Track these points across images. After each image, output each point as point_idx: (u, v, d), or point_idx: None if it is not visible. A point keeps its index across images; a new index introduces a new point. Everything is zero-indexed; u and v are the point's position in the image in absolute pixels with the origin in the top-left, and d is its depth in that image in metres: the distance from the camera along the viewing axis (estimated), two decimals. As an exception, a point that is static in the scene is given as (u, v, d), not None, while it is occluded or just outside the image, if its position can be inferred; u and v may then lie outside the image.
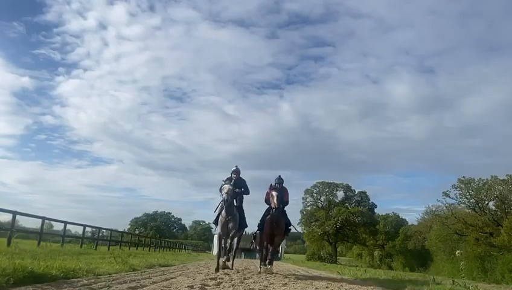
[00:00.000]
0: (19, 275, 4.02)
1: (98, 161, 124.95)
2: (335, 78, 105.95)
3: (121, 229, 40.55)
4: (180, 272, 8.09)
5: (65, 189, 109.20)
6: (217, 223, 8.44)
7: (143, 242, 31.33)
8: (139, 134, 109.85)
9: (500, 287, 13.98)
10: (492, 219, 30.95)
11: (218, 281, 5.87)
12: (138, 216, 78.50)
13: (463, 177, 32.79)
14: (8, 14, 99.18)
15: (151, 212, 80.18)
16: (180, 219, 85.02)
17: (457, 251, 28.51)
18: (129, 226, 74.88)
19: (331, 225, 48.79)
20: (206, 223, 78.63)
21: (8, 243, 10.80)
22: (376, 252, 53.75)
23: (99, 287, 4.28)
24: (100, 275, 5.57)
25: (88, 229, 20.56)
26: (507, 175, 31.00)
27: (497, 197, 31.01)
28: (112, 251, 16.07)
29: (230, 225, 8.20)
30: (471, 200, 32.28)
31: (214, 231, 9.58)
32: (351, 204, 54.30)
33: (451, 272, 23.23)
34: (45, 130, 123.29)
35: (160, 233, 69.86)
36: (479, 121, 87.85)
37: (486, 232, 30.26)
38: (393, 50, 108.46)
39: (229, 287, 5.22)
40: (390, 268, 40.62)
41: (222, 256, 8.51)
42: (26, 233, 17.87)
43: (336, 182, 54.86)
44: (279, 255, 29.31)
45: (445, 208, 34.51)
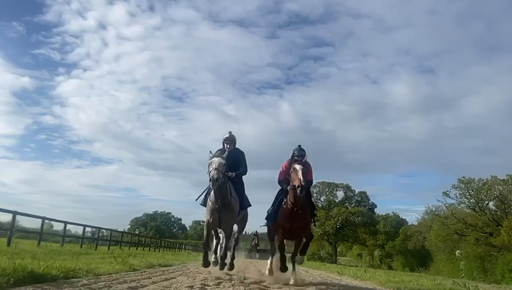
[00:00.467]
0: (19, 275, 4.02)
1: (98, 161, 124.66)
2: (335, 78, 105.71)
3: (121, 229, 40.54)
4: (180, 272, 8.09)
5: (65, 189, 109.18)
6: (205, 204, 6.38)
7: (143, 242, 31.36)
8: (139, 134, 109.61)
9: (500, 287, 14.00)
10: (492, 218, 30.96)
11: (218, 281, 5.86)
12: (138, 216, 78.51)
13: (463, 177, 32.82)
14: (7, 14, 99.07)
15: (151, 212, 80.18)
16: (180, 219, 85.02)
17: (457, 251, 28.58)
18: (129, 226, 74.89)
19: (331, 225, 48.78)
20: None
21: (8, 243, 10.80)
22: (376, 252, 53.73)
23: (99, 287, 4.28)
24: (100, 275, 5.57)
25: (88, 229, 20.59)
26: (507, 175, 31.04)
27: (497, 197, 31.03)
28: (112, 251, 16.09)
29: (223, 217, 6.15)
30: (471, 200, 32.30)
31: None
32: (351, 204, 54.29)
33: (451, 272, 23.25)
34: (45, 130, 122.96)
35: (160, 233, 69.84)
36: (479, 121, 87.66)
37: (486, 232, 30.27)
38: (393, 50, 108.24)
39: (229, 287, 5.22)
40: (390, 268, 40.64)
41: (211, 249, 6.78)
42: (26, 233, 17.87)
43: (336, 182, 54.87)
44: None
45: (445, 208, 34.55)
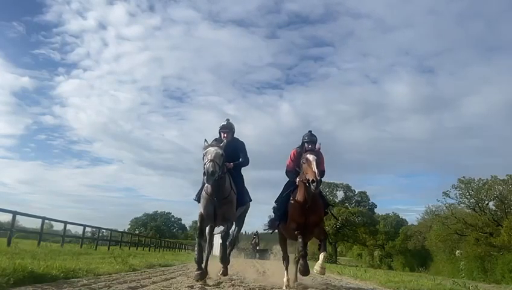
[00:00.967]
0: (19, 275, 4.02)
1: (98, 161, 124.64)
2: (335, 78, 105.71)
3: (121, 229, 40.55)
4: (180, 272, 8.08)
5: (65, 189, 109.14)
6: (200, 200, 5.52)
7: (143, 242, 31.35)
8: (139, 134, 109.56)
9: (500, 287, 14.00)
10: (492, 219, 30.96)
11: (218, 281, 5.86)
12: (138, 216, 78.52)
13: (463, 177, 32.81)
14: (7, 14, 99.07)
15: (151, 212, 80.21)
16: (180, 219, 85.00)
17: (457, 251, 28.59)
18: (129, 226, 74.88)
19: (331, 225, 48.79)
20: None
21: (8, 243, 10.80)
22: (376, 252, 53.72)
23: (99, 287, 4.28)
24: (100, 275, 5.57)
25: (88, 229, 20.60)
26: (507, 175, 31.02)
27: (497, 197, 31.02)
28: (112, 251, 16.09)
29: (219, 210, 5.29)
30: (471, 200, 32.29)
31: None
32: (351, 204, 54.28)
33: (451, 272, 23.26)
34: (45, 130, 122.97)
35: (160, 233, 69.85)
36: (479, 121, 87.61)
37: (486, 232, 30.26)
38: (393, 50, 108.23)
39: (229, 287, 5.22)
40: (390, 268, 40.66)
41: (205, 251, 5.48)
42: (26, 233, 17.87)
43: (336, 182, 54.77)
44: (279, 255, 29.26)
45: (445, 208, 34.53)
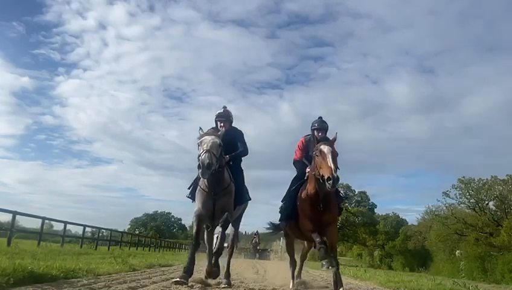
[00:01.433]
0: (18, 275, 4.01)
1: (98, 161, 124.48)
2: (335, 78, 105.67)
3: (121, 229, 40.48)
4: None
5: (65, 189, 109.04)
6: (194, 197, 4.96)
7: (143, 242, 31.36)
8: (139, 134, 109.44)
9: (500, 287, 14.00)
10: (493, 219, 30.97)
11: (218, 280, 5.86)
12: (138, 216, 78.43)
13: (463, 177, 32.81)
14: (7, 14, 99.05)
15: (151, 212, 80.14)
16: (180, 219, 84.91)
17: (457, 251, 28.60)
18: (129, 226, 74.77)
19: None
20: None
21: (8, 243, 10.80)
22: (376, 252, 53.73)
23: (99, 287, 4.28)
24: (100, 275, 5.56)
25: (88, 229, 20.61)
26: (507, 175, 31.03)
27: (497, 197, 31.03)
28: (112, 251, 16.10)
29: (219, 203, 4.74)
30: (471, 200, 32.29)
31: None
32: (351, 204, 54.29)
33: (451, 272, 23.24)
34: (45, 130, 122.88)
35: (160, 233, 69.84)
36: (479, 121, 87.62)
37: (486, 232, 30.28)
38: (393, 50, 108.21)
39: (229, 287, 5.22)
40: (390, 268, 40.65)
41: (207, 258, 5.26)
42: (26, 233, 17.88)
43: (336, 182, 54.82)
44: (279, 255, 29.25)
45: (445, 208, 34.53)
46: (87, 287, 4.19)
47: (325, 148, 4.45)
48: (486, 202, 32.11)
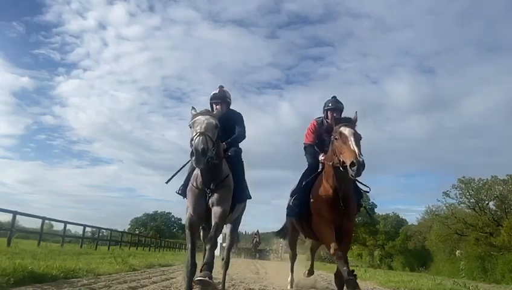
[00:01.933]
0: (19, 275, 4.02)
1: (98, 161, 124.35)
2: (334, 78, 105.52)
3: (121, 229, 40.51)
4: (180, 272, 8.08)
5: (65, 189, 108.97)
6: (185, 193, 4.07)
7: (143, 242, 31.36)
8: (139, 134, 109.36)
9: (500, 287, 13.98)
10: (493, 218, 30.97)
11: (218, 281, 5.86)
12: (138, 216, 78.40)
13: (463, 177, 32.80)
14: (7, 14, 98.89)
15: (151, 212, 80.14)
16: (180, 219, 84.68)
17: (458, 251, 28.58)
18: (129, 226, 74.76)
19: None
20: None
21: (8, 243, 10.79)
22: (376, 252, 53.74)
23: (99, 287, 4.28)
24: (100, 275, 5.57)
25: (88, 229, 20.59)
26: (507, 175, 31.01)
27: (497, 197, 31.02)
28: (112, 251, 16.11)
29: (213, 197, 3.79)
30: (471, 200, 32.29)
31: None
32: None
33: (452, 272, 23.24)
34: (45, 130, 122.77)
35: (160, 233, 69.84)
36: (479, 121, 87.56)
37: (486, 232, 30.28)
38: (393, 50, 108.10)
39: (229, 287, 5.22)
40: (390, 268, 40.67)
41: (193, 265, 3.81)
42: (26, 233, 17.87)
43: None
44: (279, 255, 29.25)
45: (445, 208, 34.51)
46: (87, 287, 4.19)
47: (346, 130, 3.77)
48: (487, 202, 32.12)
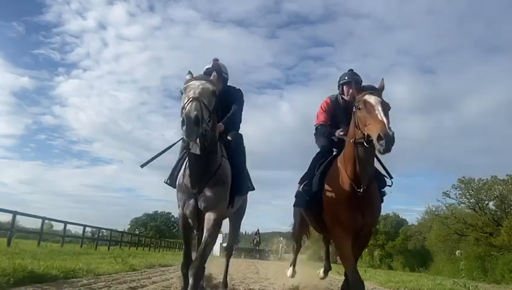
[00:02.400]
0: (18, 275, 4.02)
1: (98, 161, 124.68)
2: (335, 78, 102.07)
3: (121, 229, 40.48)
4: (180, 272, 8.07)
5: (65, 189, 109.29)
6: (174, 183, 3.52)
7: (143, 242, 31.35)
8: (139, 134, 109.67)
9: (500, 287, 13.99)
10: (493, 218, 30.97)
11: (218, 281, 5.86)
12: (138, 216, 78.40)
13: (463, 177, 32.79)
14: (7, 14, 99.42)
15: (151, 212, 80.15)
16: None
17: (458, 251, 28.59)
18: (129, 226, 74.77)
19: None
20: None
21: (8, 243, 10.80)
22: (376, 252, 53.75)
23: (99, 287, 4.28)
24: (100, 275, 5.57)
25: (88, 229, 20.61)
26: (507, 175, 30.99)
27: (497, 197, 31.02)
28: (112, 251, 16.11)
29: (203, 201, 3.19)
30: (471, 200, 32.29)
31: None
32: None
33: (451, 272, 23.23)
34: (45, 130, 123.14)
35: (160, 233, 69.82)
36: (479, 121, 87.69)
37: (486, 232, 30.27)
38: (393, 50, 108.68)
39: (229, 288, 5.22)
40: (390, 268, 40.70)
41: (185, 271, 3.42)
42: (26, 233, 17.86)
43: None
44: (279, 255, 29.23)
45: (445, 208, 34.49)
46: (87, 287, 4.19)
47: (372, 98, 3.12)
48: (487, 202, 32.12)
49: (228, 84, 4.15)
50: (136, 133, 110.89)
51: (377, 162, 3.50)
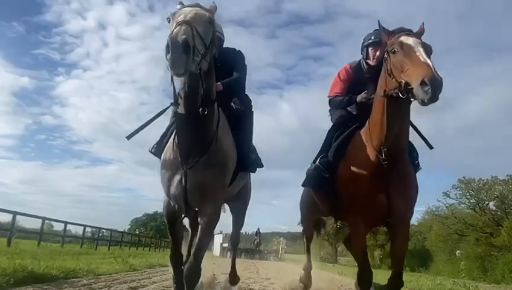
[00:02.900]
0: (19, 275, 4.02)
1: (98, 161, 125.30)
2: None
3: (121, 229, 40.52)
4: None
5: (65, 189, 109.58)
6: (160, 153, 3.07)
7: (143, 242, 31.38)
8: (139, 134, 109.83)
9: (500, 287, 13.99)
10: (493, 219, 30.99)
11: (218, 281, 5.86)
12: (138, 216, 78.41)
13: (463, 177, 32.81)
14: (7, 14, 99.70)
15: (151, 212, 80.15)
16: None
17: (458, 251, 28.62)
18: (129, 226, 74.81)
19: (331, 225, 48.76)
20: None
21: (8, 243, 10.80)
22: (376, 253, 53.74)
23: (99, 287, 4.28)
24: (100, 275, 5.57)
25: (88, 229, 20.64)
26: (507, 175, 31.01)
27: (497, 197, 31.05)
28: (112, 251, 16.12)
29: (191, 178, 2.57)
30: (472, 200, 32.31)
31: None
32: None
33: (452, 272, 23.24)
34: (45, 130, 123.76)
35: (160, 233, 69.78)
36: (479, 121, 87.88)
37: (486, 232, 30.29)
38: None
39: (228, 287, 5.21)
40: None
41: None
42: (26, 233, 17.87)
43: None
44: (280, 255, 29.22)
45: (445, 208, 34.53)
46: (87, 287, 4.20)
47: (410, 39, 2.58)
48: (487, 202, 32.15)
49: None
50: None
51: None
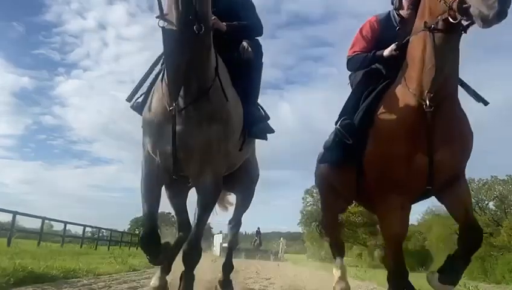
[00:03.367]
0: (18, 275, 4.02)
1: (98, 161, 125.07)
2: (335, 78, 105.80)
3: (121, 229, 40.47)
4: (179, 272, 8.06)
5: (65, 189, 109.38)
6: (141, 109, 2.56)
7: (143, 242, 31.33)
8: (139, 134, 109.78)
9: (500, 287, 14.00)
10: (493, 219, 31.02)
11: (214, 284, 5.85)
12: (138, 216, 78.63)
13: (463, 177, 32.93)
14: (7, 14, 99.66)
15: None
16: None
17: (458, 251, 28.63)
18: (129, 226, 74.88)
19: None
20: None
21: (8, 243, 10.81)
22: (376, 253, 53.78)
23: (99, 287, 4.28)
24: (100, 275, 5.57)
25: (88, 229, 20.66)
26: (507, 175, 31.08)
27: (497, 197, 31.09)
28: (112, 251, 16.10)
29: (190, 131, 2.17)
30: (471, 200, 32.47)
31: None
32: (351, 204, 54.15)
33: (452, 272, 23.27)
34: (45, 130, 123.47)
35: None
36: (478, 121, 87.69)
37: (486, 233, 30.30)
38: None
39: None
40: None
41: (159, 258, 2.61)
42: (26, 233, 17.87)
43: (336, 182, 54.67)
44: (279, 255, 29.24)
45: (445, 208, 34.64)
46: (87, 287, 4.20)
47: None
48: (486, 202, 32.22)
49: None
50: (136, 133, 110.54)
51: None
